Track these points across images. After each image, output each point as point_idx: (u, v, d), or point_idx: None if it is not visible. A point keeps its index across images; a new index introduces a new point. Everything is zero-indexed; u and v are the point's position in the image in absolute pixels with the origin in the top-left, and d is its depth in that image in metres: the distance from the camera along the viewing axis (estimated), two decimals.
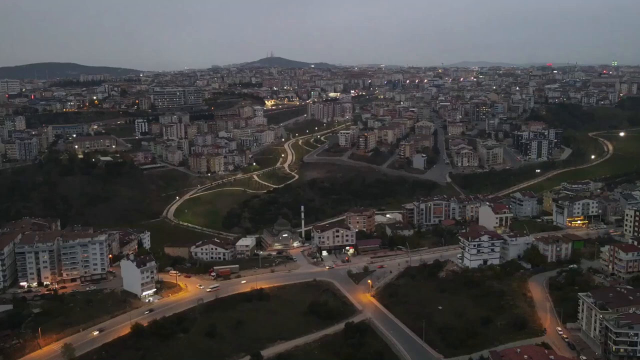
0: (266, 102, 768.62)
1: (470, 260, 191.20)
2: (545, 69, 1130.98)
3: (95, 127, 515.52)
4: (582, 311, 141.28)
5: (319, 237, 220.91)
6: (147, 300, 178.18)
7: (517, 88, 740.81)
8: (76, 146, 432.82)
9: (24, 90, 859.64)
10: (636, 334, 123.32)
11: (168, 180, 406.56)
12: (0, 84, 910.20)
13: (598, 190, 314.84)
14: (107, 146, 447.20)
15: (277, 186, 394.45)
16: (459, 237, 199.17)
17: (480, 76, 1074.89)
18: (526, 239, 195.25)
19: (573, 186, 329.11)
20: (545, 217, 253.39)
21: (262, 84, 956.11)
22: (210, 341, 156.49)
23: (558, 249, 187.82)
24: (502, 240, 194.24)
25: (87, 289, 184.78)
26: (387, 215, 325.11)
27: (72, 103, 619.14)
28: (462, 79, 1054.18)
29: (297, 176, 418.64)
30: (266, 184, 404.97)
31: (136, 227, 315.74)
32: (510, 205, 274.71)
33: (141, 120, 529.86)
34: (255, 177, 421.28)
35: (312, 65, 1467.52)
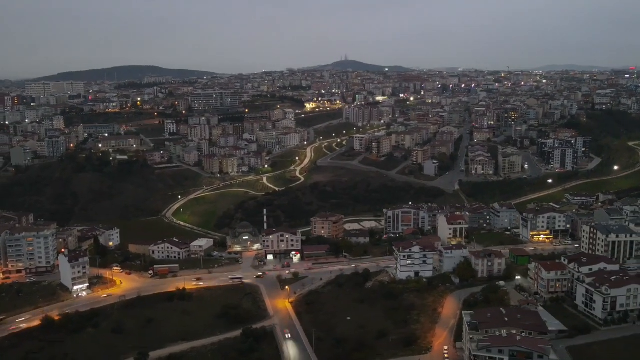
0: (306, 105, 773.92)
1: (400, 271, 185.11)
2: (618, 72, 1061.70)
3: (125, 127, 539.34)
4: (464, 330, 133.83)
5: (264, 241, 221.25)
6: (76, 295, 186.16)
7: (566, 93, 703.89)
8: (100, 145, 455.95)
9: (90, 91, 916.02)
10: (492, 358, 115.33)
11: (179, 179, 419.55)
12: (65, 85, 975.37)
13: (599, 204, 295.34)
14: (131, 146, 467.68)
15: (280, 189, 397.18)
16: (393, 248, 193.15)
17: (544, 80, 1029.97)
18: (462, 252, 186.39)
19: (575, 198, 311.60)
20: (516, 230, 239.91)
21: (310, 87, 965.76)
22: (115, 337, 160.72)
23: (489, 264, 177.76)
24: (434, 252, 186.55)
25: (27, 280, 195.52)
26: (383, 222, 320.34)
27: (115, 104, 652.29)
28: (522, 83, 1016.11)
29: (302, 179, 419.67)
30: (271, 186, 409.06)
31: (135, 224, 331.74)
32: (489, 216, 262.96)
33: (170, 121, 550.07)
34: (264, 180, 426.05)
35: (386, 69, 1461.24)
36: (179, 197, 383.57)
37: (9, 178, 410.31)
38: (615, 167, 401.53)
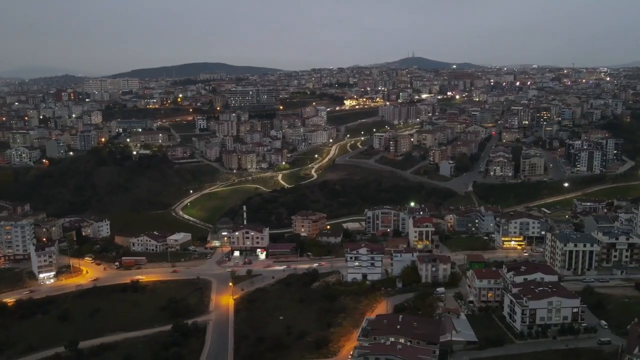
0: (346, 102, 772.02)
1: (347, 272, 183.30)
2: None
3: (159, 122, 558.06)
4: None
5: (229, 238, 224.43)
6: (42, 282, 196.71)
7: (617, 91, 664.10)
8: (128, 139, 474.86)
9: (147, 87, 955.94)
10: None
11: (196, 174, 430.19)
12: (121, 82, 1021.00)
13: (605, 210, 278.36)
14: (158, 140, 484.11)
15: (290, 185, 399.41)
16: (344, 249, 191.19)
17: (607, 78, 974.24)
18: (412, 256, 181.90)
19: (582, 204, 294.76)
20: (493, 235, 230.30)
21: (357, 84, 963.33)
22: (60, 325, 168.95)
23: (434, 269, 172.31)
24: (383, 255, 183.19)
25: (3, 266, 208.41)
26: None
27: (155, 100, 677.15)
28: (583, 80, 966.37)
29: (315, 176, 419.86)
30: (283, 183, 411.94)
31: (143, 216, 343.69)
32: (477, 219, 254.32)
33: (200, 117, 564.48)
34: (279, 177, 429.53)
35: (454, 66, 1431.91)
36: (191, 191, 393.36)
37: (42, 170, 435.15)
38: None
